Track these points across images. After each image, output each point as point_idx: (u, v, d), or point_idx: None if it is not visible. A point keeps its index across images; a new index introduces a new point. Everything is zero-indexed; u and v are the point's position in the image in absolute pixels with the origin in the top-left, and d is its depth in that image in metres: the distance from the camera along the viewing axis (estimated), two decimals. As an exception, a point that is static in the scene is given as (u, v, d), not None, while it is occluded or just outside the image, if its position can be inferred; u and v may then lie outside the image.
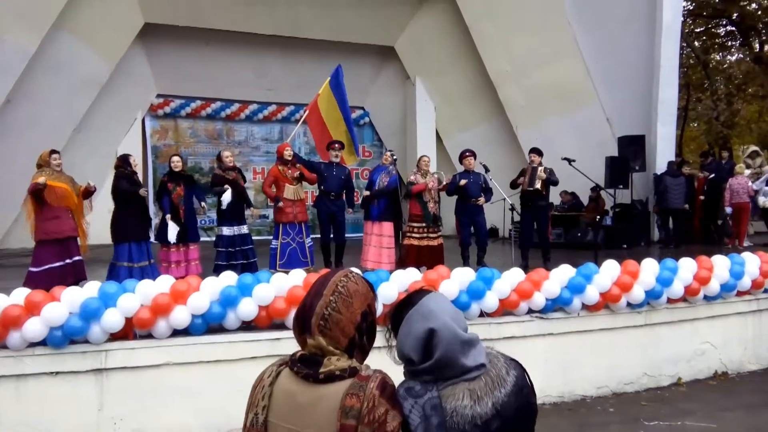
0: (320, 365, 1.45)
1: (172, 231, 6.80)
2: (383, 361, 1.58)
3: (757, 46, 20.67)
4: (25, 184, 6.56)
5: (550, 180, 7.99)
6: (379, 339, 1.61)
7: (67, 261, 6.32)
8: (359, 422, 1.37)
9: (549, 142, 11.03)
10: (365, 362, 1.55)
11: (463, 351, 1.47)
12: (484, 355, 1.50)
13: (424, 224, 7.68)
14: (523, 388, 1.50)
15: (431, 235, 7.70)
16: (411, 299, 1.56)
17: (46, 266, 6.13)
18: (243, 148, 14.35)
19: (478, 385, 1.45)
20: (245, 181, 7.69)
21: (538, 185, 7.90)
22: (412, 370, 1.51)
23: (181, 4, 11.77)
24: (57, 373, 4.35)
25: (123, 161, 6.76)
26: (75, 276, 6.27)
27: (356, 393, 1.39)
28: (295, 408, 1.45)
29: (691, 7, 20.23)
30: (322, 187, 7.80)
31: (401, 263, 7.54)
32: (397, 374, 1.54)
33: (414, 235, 7.69)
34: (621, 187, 11.16)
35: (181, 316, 4.55)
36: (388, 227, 7.80)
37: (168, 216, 6.88)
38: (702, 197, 11.10)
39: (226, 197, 7.19)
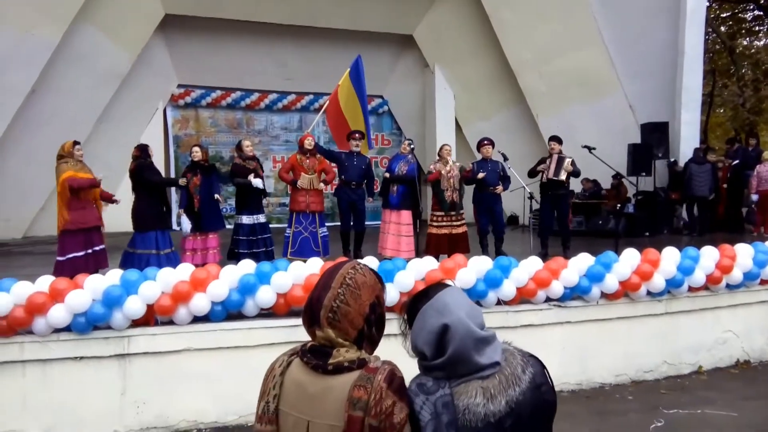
0: (329, 356, 1.46)
1: (185, 224, 6.91)
2: (398, 349, 1.58)
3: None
4: (50, 174, 6.71)
5: (574, 171, 7.98)
6: (394, 327, 1.62)
7: (90, 250, 6.44)
8: (366, 414, 1.38)
9: (571, 130, 10.93)
10: (375, 353, 1.55)
11: (477, 348, 1.44)
12: (499, 353, 1.48)
13: (444, 212, 7.69)
14: (541, 385, 1.47)
15: (455, 223, 7.69)
16: (427, 292, 1.55)
17: (71, 255, 6.25)
18: (263, 137, 14.46)
19: (492, 384, 1.43)
20: (263, 171, 7.75)
21: (563, 176, 7.85)
22: (425, 365, 1.50)
23: (201, -5, 11.85)
24: (81, 358, 4.46)
25: (142, 151, 6.84)
26: (97, 265, 6.39)
27: (364, 385, 1.40)
28: (304, 398, 1.47)
29: (717, -8, 19.82)
30: (342, 177, 7.83)
31: (426, 251, 7.59)
32: (409, 364, 1.54)
33: (435, 223, 7.71)
34: (644, 174, 11.01)
35: (200, 303, 4.63)
36: (406, 215, 7.81)
37: (181, 210, 6.99)
38: (725, 185, 10.90)
39: (257, 182, 7.27)
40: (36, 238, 11.28)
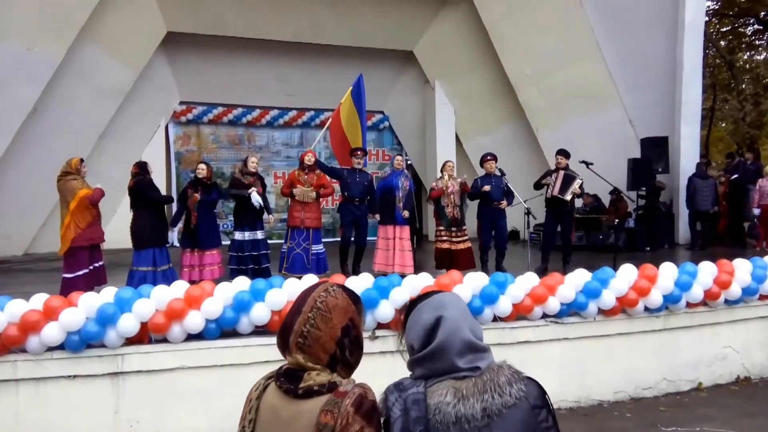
0: (301, 380, 1.45)
1: (173, 236, 6.96)
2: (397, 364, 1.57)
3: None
4: (52, 191, 6.74)
5: (581, 195, 8.09)
6: (390, 344, 1.62)
7: (92, 267, 6.48)
8: None
9: (570, 144, 10.86)
10: (368, 374, 1.55)
11: (461, 350, 1.43)
12: (484, 363, 1.44)
13: (444, 227, 7.73)
14: (536, 408, 1.41)
15: (454, 239, 7.71)
16: (426, 295, 1.56)
17: (80, 272, 6.30)
18: (264, 153, 14.49)
19: (466, 385, 1.39)
20: (265, 188, 7.76)
21: (568, 197, 7.84)
22: (411, 360, 1.49)
23: (202, 13, 11.95)
24: (75, 376, 4.45)
25: (141, 168, 6.89)
26: (97, 281, 6.43)
27: (331, 410, 1.39)
28: (277, 423, 1.46)
29: (717, 7, 19.86)
30: (345, 193, 7.84)
31: (437, 267, 7.67)
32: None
33: (441, 239, 7.77)
34: (644, 189, 11.01)
35: (194, 320, 4.63)
36: (407, 230, 7.83)
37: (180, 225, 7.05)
38: (725, 201, 10.88)
39: (255, 198, 7.30)
40: (37, 255, 11.29)
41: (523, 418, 1.38)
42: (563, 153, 8.14)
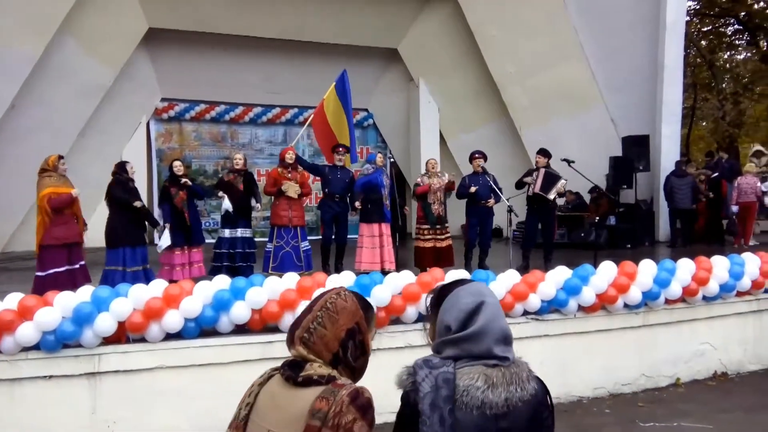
0: (303, 369, 1.50)
1: (165, 239, 6.87)
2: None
3: (764, 45, 20.48)
4: (31, 188, 6.62)
5: (564, 192, 8.15)
6: (384, 341, 1.61)
7: (74, 266, 6.37)
8: (324, 425, 1.40)
9: (554, 143, 10.96)
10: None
11: (498, 339, 1.49)
12: (512, 356, 1.52)
13: (430, 226, 7.72)
14: (542, 406, 1.50)
15: (439, 236, 7.72)
16: (461, 281, 1.62)
17: (52, 270, 6.19)
18: (247, 150, 14.35)
19: (495, 374, 1.46)
20: (252, 183, 7.70)
21: (551, 196, 7.86)
22: (443, 339, 1.53)
23: (184, 9, 11.83)
24: (51, 376, 4.38)
25: (119, 168, 6.82)
26: (84, 280, 6.32)
27: (327, 397, 1.43)
28: (273, 408, 1.51)
29: (698, 7, 20.08)
30: (326, 190, 7.81)
31: (416, 265, 7.66)
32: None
33: (421, 236, 7.75)
34: (625, 187, 11.12)
35: (173, 319, 4.58)
36: (389, 227, 7.82)
37: (166, 225, 6.94)
38: (703, 198, 11.02)
39: (225, 205, 7.29)
40: (14, 253, 11.13)
41: (531, 413, 1.47)
42: (543, 152, 8.18)
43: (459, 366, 1.47)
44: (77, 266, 6.45)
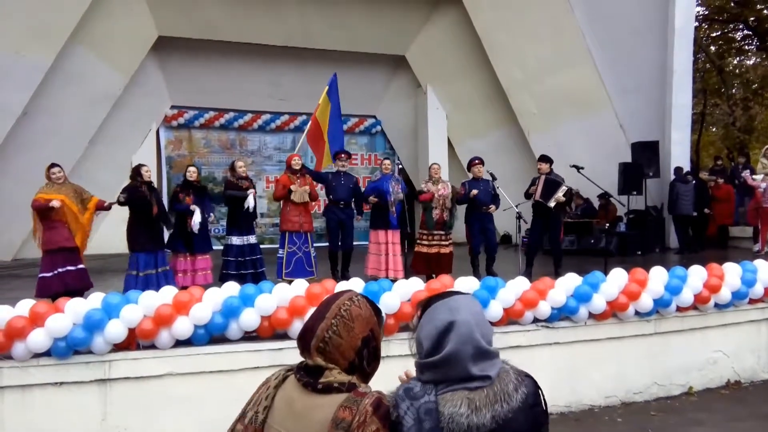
0: (321, 375, 1.48)
1: (197, 217, 6.94)
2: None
3: (774, 50, 20.37)
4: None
5: (566, 201, 7.99)
6: (394, 349, 1.62)
7: (68, 269, 6.39)
8: None
9: (562, 149, 11.01)
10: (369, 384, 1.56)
11: (474, 358, 1.44)
12: (495, 371, 1.46)
13: (435, 231, 7.67)
14: (534, 406, 1.46)
15: (442, 242, 7.68)
16: (445, 294, 1.56)
17: (47, 273, 6.27)
18: (256, 157, 14.48)
19: (479, 396, 1.41)
20: (256, 191, 7.73)
21: (551, 204, 7.81)
22: (419, 363, 1.50)
23: (194, 18, 11.92)
24: (61, 383, 4.40)
25: (135, 171, 6.87)
26: (74, 283, 6.34)
27: (350, 406, 1.41)
28: (291, 414, 1.48)
29: (706, 12, 20.01)
30: (331, 197, 7.82)
31: (412, 268, 7.61)
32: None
33: (424, 242, 7.69)
34: (635, 193, 11.05)
35: (183, 326, 4.58)
36: (398, 235, 7.80)
37: (195, 208, 6.98)
38: (706, 208, 10.91)
39: (250, 201, 7.29)
40: (26, 260, 11.20)
41: (525, 417, 1.43)
42: (543, 159, 8.13)
43: (441, 391, 1.43)
44: (73, 269, 6.43)
